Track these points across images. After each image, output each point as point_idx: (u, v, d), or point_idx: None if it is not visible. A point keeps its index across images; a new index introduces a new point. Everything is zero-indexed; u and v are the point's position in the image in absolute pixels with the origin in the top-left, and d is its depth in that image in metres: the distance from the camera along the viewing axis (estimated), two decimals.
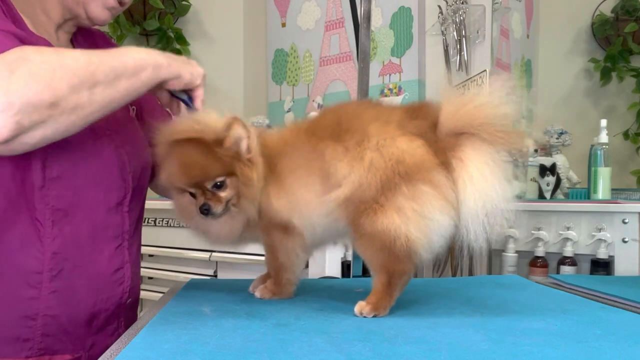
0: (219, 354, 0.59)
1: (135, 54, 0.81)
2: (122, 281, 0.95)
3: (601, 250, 1.68)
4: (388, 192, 0.75)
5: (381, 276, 0.78)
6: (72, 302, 0.88)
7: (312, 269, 1.53)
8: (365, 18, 1.28)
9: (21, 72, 0.69)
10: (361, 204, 0.76)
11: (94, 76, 0.74)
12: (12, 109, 0.68)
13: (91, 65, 0.75)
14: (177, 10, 2.71)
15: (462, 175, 0.75)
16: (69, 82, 0.72)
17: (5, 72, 0.69)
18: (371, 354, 0.59)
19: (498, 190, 0.73)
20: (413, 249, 0.75)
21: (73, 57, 0.75)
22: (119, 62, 0.78)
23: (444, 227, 0.75)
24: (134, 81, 0.79)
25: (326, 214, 0.81)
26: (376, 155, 0.76)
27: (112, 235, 0.93)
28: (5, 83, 0.68)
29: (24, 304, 0.84)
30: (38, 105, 0.70)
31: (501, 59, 2.36)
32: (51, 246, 0.85)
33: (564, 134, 2.33)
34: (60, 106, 0.72)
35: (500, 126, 0.74)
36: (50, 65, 0.72)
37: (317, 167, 0.80)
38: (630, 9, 2.63)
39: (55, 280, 0.86)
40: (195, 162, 0.80)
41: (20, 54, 0.71)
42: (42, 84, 0.70)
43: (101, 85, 0.75)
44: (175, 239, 2.05)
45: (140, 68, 0.80)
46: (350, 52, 2.51)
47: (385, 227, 0.75)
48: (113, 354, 0.60)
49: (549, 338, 0.66)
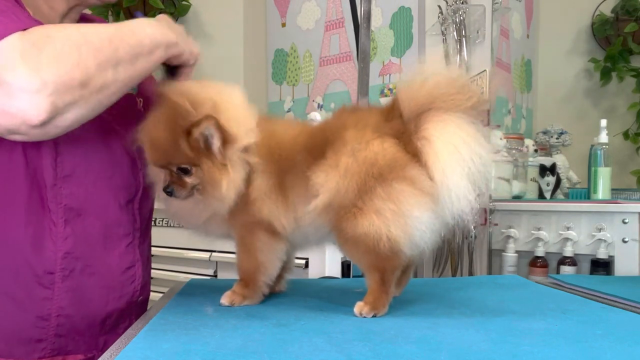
0: (219, 354, 0.59)
1: (148, 30, 0.78)
2: (134, 279, 0.95)
3: (601, 250, 1.68)
4: (365, 196, 0.75)
5: (373, 275, 0.78)
6: (84, 302, 0.87)
7: (312, 269, 1.53)
8: (365, 18, 1.28)
9: (49, 51, 0.66)
10: (341, 209, 0.77)
11: (116, 54, 0.72)
12: (47, 89, 0.65)
13: (113, 42, 0.72)
14: (177, 10, 2.71)
15: (429, 154, 0.74)
16: (96, 59, 0.70)
17: (33, 50, 0.65)
18: (371, 354, 0.59)
19: (469, 155, 0.72)
20: (396, 247, 0.74)
21: (95, 33, 0.72)
22: (136, 40, 0.76)
23: (424, 223, 0.74)
24: (149, 60, 0.78)
25: (309, 223, 0.81)
26: (351, 161, 0.76)
27: (123, 233, 0.93)
28: (36, 62, 0.65)
29: (37, 305, 0.83)
30: (70, 84, 0.67)
31: (501, 59, 2.36)
32: (63, 246, 0.84)
33: (564, 134, 2.34)
34: (90, 85, 0.69)
35: (448, 90, 0.74)
36: (76, 42, 0.69)
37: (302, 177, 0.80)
38: (630, 9, 2.63)
39: (68, 280, 0.85)
40: (161, 143, 0.79)
41: (43, 31, 0.68)
42: (71, 62, 0.67)
43: (123, 64, 0.73)
44: (175, 239, 2.05)
45: (154, 47, 0.78)
46: (350, 52, 2.51)
47: (367, 230, 0.75)
48: (113, 354, 0.60)
49: (549, 338, 0.66)
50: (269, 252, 0.84)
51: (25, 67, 0.64)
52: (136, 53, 0.75)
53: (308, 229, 0.83)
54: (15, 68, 0.64)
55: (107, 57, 0.71)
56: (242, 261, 0.87)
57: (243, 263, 0.87)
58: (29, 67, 0.64)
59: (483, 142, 0.74)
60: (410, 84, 0.77)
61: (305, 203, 0.80)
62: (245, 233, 0.85)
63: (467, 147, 0.73)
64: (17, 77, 0.64)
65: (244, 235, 0.85)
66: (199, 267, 1.98)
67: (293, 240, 0.86)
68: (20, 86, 0.64)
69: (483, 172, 0.73)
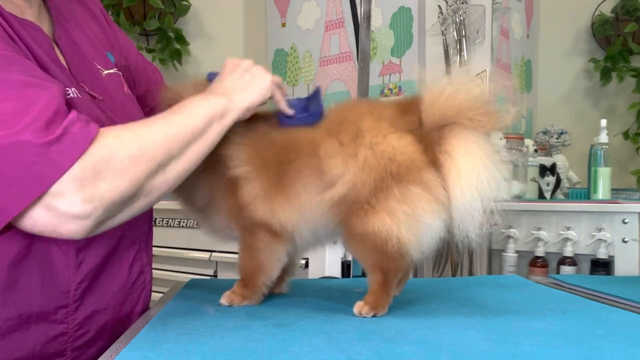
0: (219, 354, 0.59)
1: (202, 109, 0.75)
2: (144, 286, 0.93)
3: (601, 250, 1.68)
4: (380, 194, 0.74)
5: (376, 275, 0.78)
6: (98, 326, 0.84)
7: (312, 269, 1.53)
8: (365, 18, 1.28)
9: (106, 174, 0.65)
10: (353, 204, 0.76)
11: (169, 154, 0.71)
12: (97, 213, 0.66)
13: (167, 142, 0.70)
14: (177, 10, 2.71)
15: (450, 170, 0.74)
16: (148, 169, 0.69)
17: (90, 176, 0.64)
18: (371, 354, 0.59)
19: (487, 180, 0.72)
20: (405, 249, 0.74)
21: (151, 136, 0.70)
22: (190, 127, 0.73)
23: (435, 230, 0.75)
24: (202, 143, 0.75)
25: (320, 215, 0.79)
26: (369, 154, 0.76)
27: (131, 242, 0.90)
28: (91, 192, 0.65)
29: (51, 343, 0.80)
30: (119, 202, 0.68)
31: (501, 59, 2.36)
32: (75, 277, 0.80)
33: (564, 134, 2.34)
34: (138, 195, 0.69)
35: (476, 109, 0.74)
36: (133, 156, 0.67)
37: (312, 165, 0.79)
38: (630, 9, 2.62)
39: (80, 310, 0.82)
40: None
41: (105, 152, 0.66)
42: (125, 182, 0.67)
43: (173, 161, 0.72)
44: (175, 239, 2.05)
45: (207, 124, 0.75)
46: (350, 52, 2.51)
47: (377, 229, 0.74)
48: (113, 354, 0.60)
49: (549, 338, 0.66)
50: (269, 253, 0.84)
51: (80, 198, 0.64)
52: (188, 142, 0.73)
53: (317, 222, 0.81)
54: (71, 198, 0.64)
55: (160, 162, 0.70)
56: (243, 261, 0.87)
57: (243, 263, 0.87)
58: (84, 198, 0.64)
59: (501, 167, 0.74)
60: (438, 93, 0.76)
61: (313, 192, 0.79)
62: (246, 233, 0.85)
63: (487, 172, 0.73)
64: (71, 207, 0.64)
65: (244, 235, 0.85)
66: (199, 267, 1.98)
67: (301, 239, 0.84)
68: (73, 214, 0.65)
69: (497, 197, 0.73)
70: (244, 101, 0.80)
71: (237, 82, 0.82)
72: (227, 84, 0.82)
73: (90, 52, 0.89)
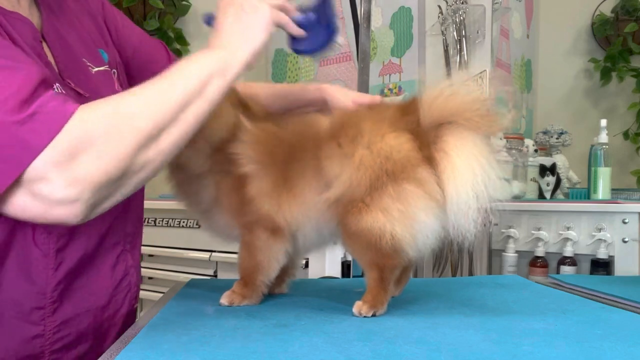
0: (219, 354, 0.59)
1: (195, 67, 0.70)
2: (129, 288, 0.92)
3: (601, 250, 1.68)
4: (375, 192, 0.75)
5: (373, 272, 0.78)
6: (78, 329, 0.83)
7: (312, 269, 1.53)
8: (365, 18, 1.28)
9: (87, 154, 0.61)
10: (349, 203, 0.76)
11: (158, 122, 0.65)
12: (84, 196, 0.62)
13: (154, 111, 0.66)
14: (177, 10, 2.71)
15: (446, 167, 0.74)
16: (136, 143, 0.64)
17: (68, 156, 0.60)
18: (371, 354, 0.59)
19: (483, 178, 0.72)
20: (399, 245, 0.74)
21: (135, 106, 0.65)
22: (181, 89, 0.68)
23: (429, 228, 0.75)
24: (201, 103, 0.69)
25: (321, 215, 0.80)
26: (366, 153, 0.76)
27: (114, 242, 0.89)
28: (72, 172, 0.61)
29: (27, 345, 0.79)
30: (108, 181, 0.63)
31: (501, 59, 2.36)
32: (53, 279, 0.79)
33: (564, 134, 2.34)
34: (129, 172, 0.65)
35: (474, 110, 0.74)
36: (115, 131, 0.63)
37: (314, 165, 0.80)
38: (630, 9, 2.63)
39: (58, 312, 0.81)
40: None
41: (83, 128, 0.62)
42: (110, 159, 0.62)
43: (167, 129, 0.66)
44: (175, 239, 2.05)
45: (204, 83, 0.69)
46: (350, 52, 2.51)
47: (370, 226, 0.75)
48: (113, 354, 0.60)
49: (549, 338, 0.66)
50: (267, 251, 0.84)
51: (62, 181, 0.61)
52: (182, 105, 0.67)
53: (319, 222, 0.81)
54: (53, 181, 0.61)
55: (148, 133, 0.65)
56: (242, 260, 0.87)
57: (243, 262, 0.87)
58: (66, 181, 0.61)
59: (498, 167, 0.74)
60: (438, 93, 0.76)
61: (315, 192, 0.79)
62: (246, 232, 0.85)
63: (483, 171, 0.72)
64: (54, 191, 0.61)
65: (244, 234, 0.86)
66: (199, 267, 1.98)
67: (305, 238, 0.84)
68: (57, 199, 0.61)
69: (493, 197, 0.73)
70: (247, 48, 0.75)
71: (235, 27, 0.75)
72: (225, 33, 0.75)
73: (79, 48, 0.87)
